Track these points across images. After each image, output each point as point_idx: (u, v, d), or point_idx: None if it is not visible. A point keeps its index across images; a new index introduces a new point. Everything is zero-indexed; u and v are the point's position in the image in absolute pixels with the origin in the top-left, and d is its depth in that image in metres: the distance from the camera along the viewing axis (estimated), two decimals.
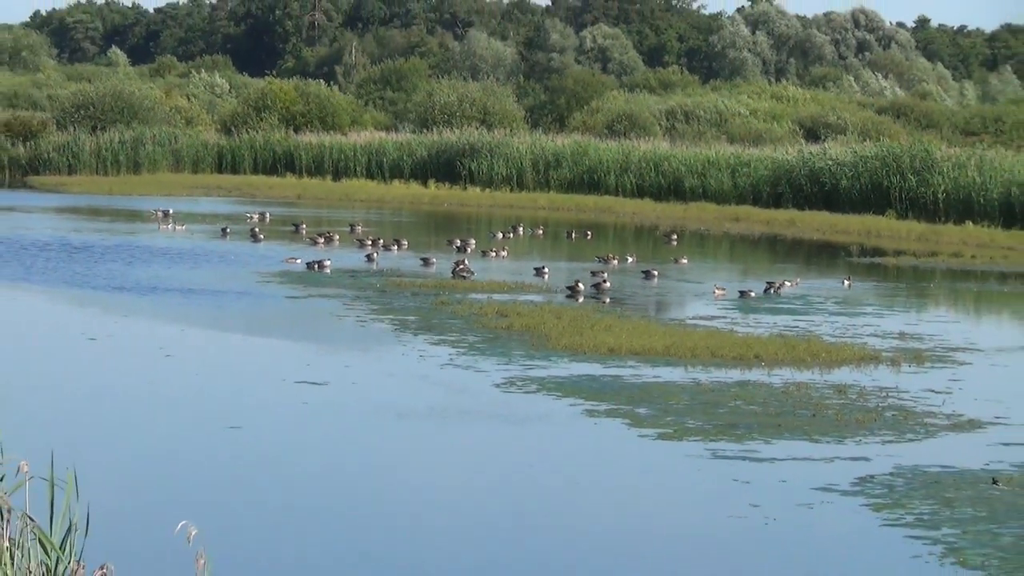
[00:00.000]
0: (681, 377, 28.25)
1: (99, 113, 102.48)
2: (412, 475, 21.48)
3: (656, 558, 17.65)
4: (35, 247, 52.33)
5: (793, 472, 21.04)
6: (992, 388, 27.94)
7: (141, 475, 20.05)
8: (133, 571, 8.13)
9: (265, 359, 31.21)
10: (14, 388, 15.09)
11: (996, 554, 17.28)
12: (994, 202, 64.32)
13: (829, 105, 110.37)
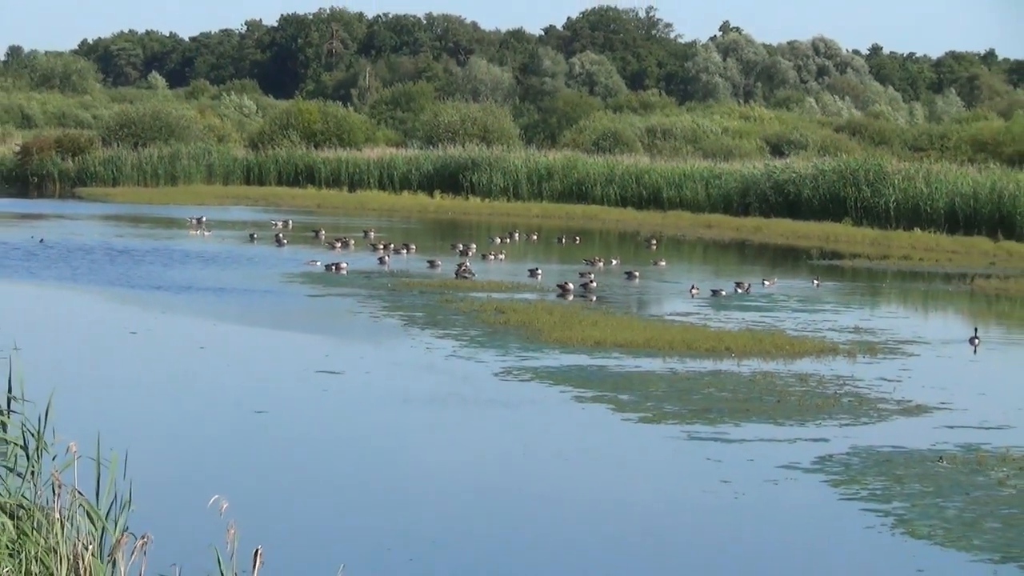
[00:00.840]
0: (660, 367, 28.26)
1: (140, 131, 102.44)
2: (420, 452, 21.48)
3: (637, 527, 17.66)
4: (82, 251, 52.31)
5: (760, 452, 21.05)
6: (937, 377, 27.95)
7: (178, 454, 20.07)
8: (171, 540, 8.14)
9: (288, 351, 31.20)
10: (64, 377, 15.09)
11: (941, 525, 17.29)
12: (940, 211, 64.37)
13: (792, 124, 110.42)
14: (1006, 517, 17.64)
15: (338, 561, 7.35)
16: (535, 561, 15.94)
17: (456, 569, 15.58)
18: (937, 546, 16.53)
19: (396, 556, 15.33)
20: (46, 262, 48.10)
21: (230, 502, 6.98)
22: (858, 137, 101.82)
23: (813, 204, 70.60)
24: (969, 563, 15.94)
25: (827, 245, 59.76)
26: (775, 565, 16.25)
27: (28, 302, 38.41)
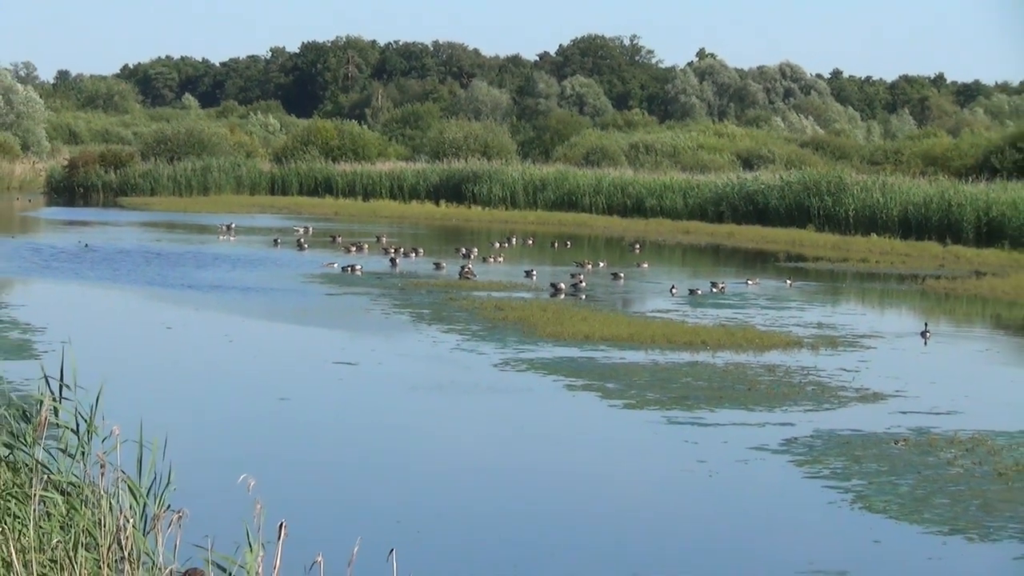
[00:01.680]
0: (642, 359, 28.26)
1: (175, 147, 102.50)
2: (427, 433, 21.51)
3: (621, 501, 17.67)
4: (122, 254, 52.32)
5: (732, 435, 21.06)
6: (892, 367, 27.97)
7: (210, 437, 20.09)
8: (205, 515, 8.13)
9: (308, 343, 31.21)
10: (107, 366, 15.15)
11: (896, 500, 17.31)
12: (894, 218, 64.37)
13: (761, 140, 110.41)
14: (953, 494, 17.66)
15: (354, 533, 7.33)
16: (530, 530, 15.95)
17: (458, 540, 15.59)
18: (892, 520, 16.55)
19: (405, 528, 15.34)
20: (90, 264, 48.11)
21: (257, 480, 6.97)
22: (820, 152, 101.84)
23: (780, 212, 70.61)
24: (920, 535, 15.96)
25: (793, 249, 59.75)
26: (746, 536, 16.26)
27: (74, 299, 38.44)
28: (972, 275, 47.70)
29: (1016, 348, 33.06)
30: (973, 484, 18.11)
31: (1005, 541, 15.77)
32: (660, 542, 15.91)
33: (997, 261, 52.22)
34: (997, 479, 18.36)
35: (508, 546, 15.31)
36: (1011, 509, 16.97)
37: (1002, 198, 60.86)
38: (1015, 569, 14.87)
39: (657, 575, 14.55)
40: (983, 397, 25.22)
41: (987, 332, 36.10)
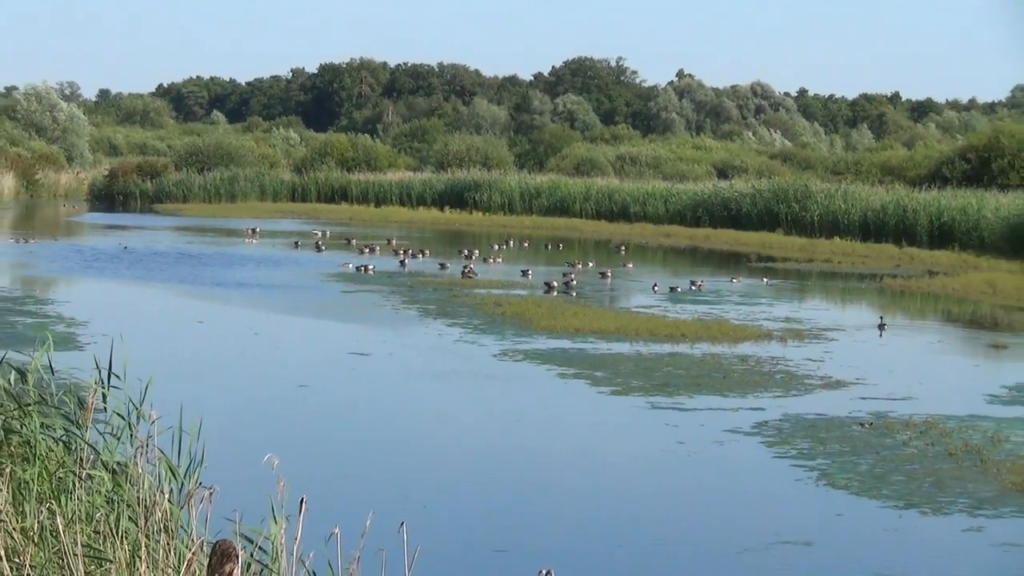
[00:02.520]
0: (627, 350, 28.29)
1: (205, 158, 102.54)
2: (432, 417, 21.52)
3: (607, 477, 17.70)
4: (157, 255, 52.34)
5: (708, 418, 21.08)
6: (852, 358, 28.01)
7: (238, 420, 20.09)
8: (234, 491, 8.14)
9: (325, 336, 31.22)
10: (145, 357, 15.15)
11: (856, 478, 17.34)
12: (855, 222, 64.42)
13: (735, 152, 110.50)
14: (909, 472, 17.70)
15: (367, 507, 7.33)
16: (525, 503, 15.97)
17: (460, 512, 15.60)
18: (853, 495, 16.58)
19: (413, 501, 15.36)
20: (128, 264, 48.13)
21: (279, 459, 6.98)
22: (788, 163, 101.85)
23: (752, 217, 70.66)
24: (879, 509, 15.99)
25: (763, 251, 59.79)
26: (721, 509, 16.29)
27: (114, 296, 38.46)
28: (925, 274, 47.75)
29: (965, 340, 33.08)
30: (926, 463, 18.15)
31: (955, 515, 15.80)
32: (643, 514, 15.94)
33: (948, 262, 52.26)
34: (948, 459, 18.40)
35: (505, 517, 15.33)
36: (960, 486, 17.00)
37: (952, 204, 60.94)
38: (964, 540, 14.89)
39: (641, 543, 14.57)
40: (935, 384, 25.25)
41: (939, 326, 36.13)
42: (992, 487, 16.97)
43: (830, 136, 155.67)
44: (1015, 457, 18.43)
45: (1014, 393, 24.00)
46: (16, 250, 53.77)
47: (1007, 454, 18.65)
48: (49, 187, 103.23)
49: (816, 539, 14.76)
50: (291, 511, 6.90)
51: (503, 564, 13.53)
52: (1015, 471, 17.59)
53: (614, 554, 14.14)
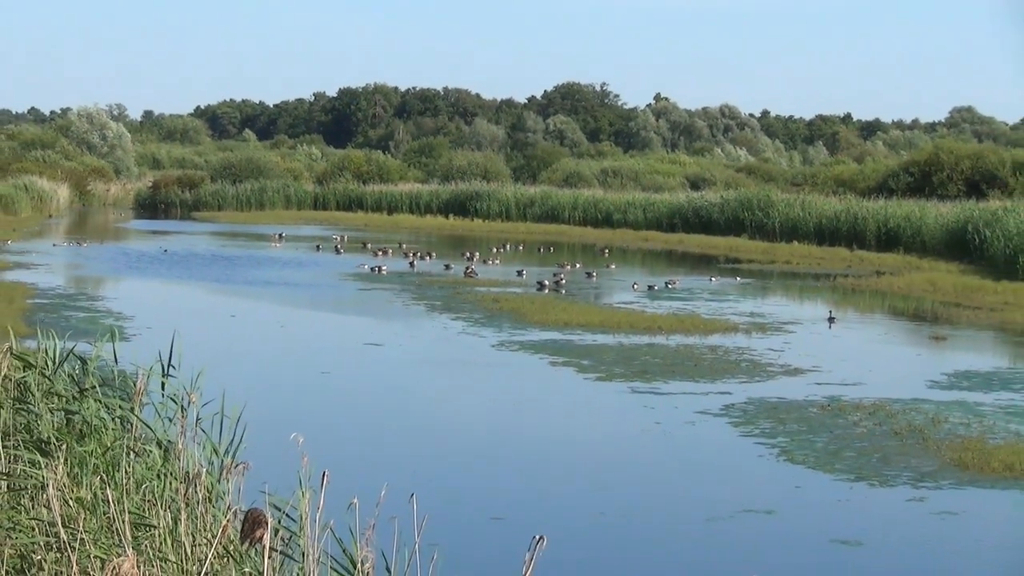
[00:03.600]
0: (610, 341, 28.30)
1: (237, 171, 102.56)
2: (438, 399, 21.56)
3: (593, 453, 17.73)
4: (195, 256, 52.36)
5: (682, 401, 21.10)
6: (809, 348, 28.03)
7: (267, 403, 20.11)
8: (264, 466, 8.15)
9: (344, 328, 31.26)
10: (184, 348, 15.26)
11: (812, 454, 17.36)
12: (811, 228, 64.43)
13: (705, 167, 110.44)
14: (859, 449, 17.72)
15: (381, 480, 7.34)
16: (518, 475, 15.99)
17: (462, 484, 15.62)
18: (809, 469, 16.60)
19: (421, 477, 15.38)
20: (169, 265, 48.14)
21: (304, 437, 6.99)
22: (752, 176, 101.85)
23: (720, 224, 70.68)
24: (832, 481, 16.01)
25: (731, 253, 59.81)
26: (693, 482, 16.31)
27: (156, 293, 38.45)
28: (874, 274, 47.76)
29: (909, 332, 33.12)
30: (874, 441, 18.17)
31: (900, 487, 15.83)
32: (623, 486, 15.96)
33: (894, 263, 52.28)
34: (893, 437, 18.42)
35: (502, 488, 15.35)
36: (904, 461, 17.03)
37: (897, 212, 61.04)
38: (908, 509, 14.92)
39: (621, 511, 14.59)
40: (882, 371, 25.28)
41: (886, 319, 36.17)
42: (933, 462, 17.00)
43: (789, 152, 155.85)
44: (953, 436, 18.46)
45: (952, 379, 24.03)
46: (70, 252, 53.79)
47: (946, 433, 18.67)
48: (99, 197, 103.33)
49: (777, 508, 14.79)
50: (315, 483, 6.91)
51: (500, 530, 13.56)
52: (953, 448, 17.62)
53: (598, 520, 14.17)
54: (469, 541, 12.62)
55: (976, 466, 16.71)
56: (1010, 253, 46.46)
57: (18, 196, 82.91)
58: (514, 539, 11.81)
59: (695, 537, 13.76)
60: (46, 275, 42.13)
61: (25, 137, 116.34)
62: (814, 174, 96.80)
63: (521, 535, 7.51)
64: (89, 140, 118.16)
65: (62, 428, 8.54)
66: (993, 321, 34.09)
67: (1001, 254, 47.13)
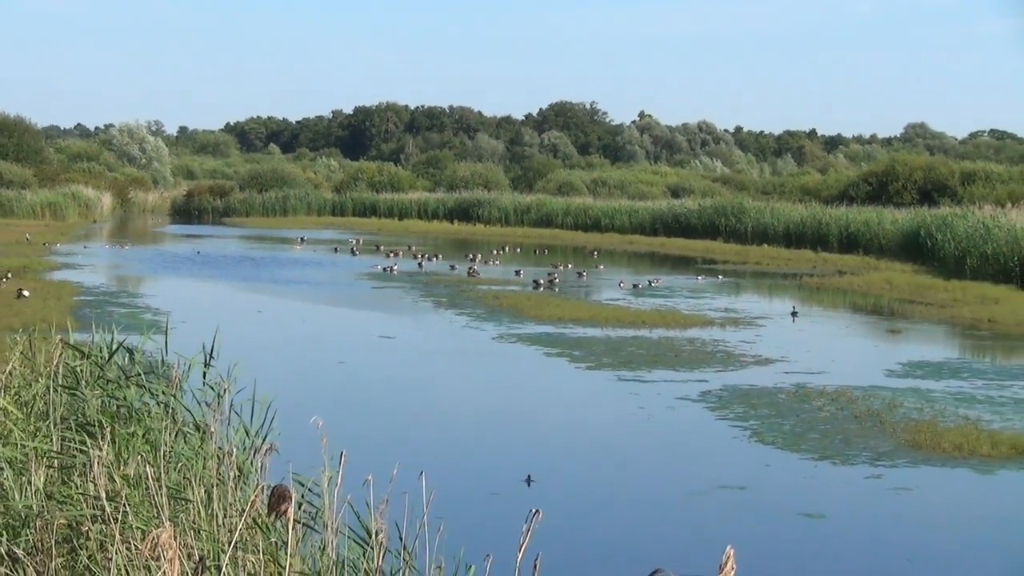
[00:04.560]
0: (599, 334, 28.34)
1: (264, 181, 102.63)
2: (444, 385, 21.57)
3: (583, 434, 17.75)
4: (225, 258, 52.41)
5: (663, 388, 21.13)
6: (778, 340, 28.07)
7: (290, 389, 20.13)
8: (288, 447, 8.18)
9: (359, 322, 31.28)
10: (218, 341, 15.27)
11: (780, 436, 17.39)
12: (780, 233, 64.53)
13: (684, 177, 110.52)
14: (822, 431, 17.75)
15: (393, 458, 7.37)
16: (516, 454, 16.01)
17: (465, 461, 15.65)
18: (778, 449, 16.63)
19: (428, 453, 15.40)
20: (201, 265, 48.17)
21: (324, 420, 7.02)
22: (727, 186, 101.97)
23: (698, 228, 70.76)
24: (798, 461, 16.04)
25: (707, 255, 59.87)
26: (673, 459, 16.35)
27: (189, 291, 38.48)
28: (836, 273, 47.82)
29: (867, 326, 33.15)
30: (837, 424, 18.20)
31: (859, 465, 15.87)
32: (610, 464, 15.99)
33: (854, 263, 52.34)
34: (854, 420, 18.46)
35: (500, 466, 15.37)
36: (864, 442, 17.06)
37: (857, 218, 61.16)
38: (867, 485, 14.95)
39: (607, 488, 14.62)
40: (844, 361, 25.32)
41: (847, 314, 36.22)
42: (889, 443, 17.03)
43: (760, 164, 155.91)
44: (907, 419, 18.49)
45: (906, 369, 24.07)
46: (113, 254, 53.82)
47: (901, 417, 18.71)
48: (139, 204, 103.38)
49: (748, 484, 14.82)
50: (333, 462, 6.94)
51: (499, 504, 13.59)
52: (907, 430, 17.66)
53: (585, 497, 14.19)
54: (472, 514, 12.64)
55: (928, 447, 16.75)
56: (959, 255, 46.52)
57: (66, 203, 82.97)
58: (512, 512, 11.83)
59: (675, 510, 13.79)
60: (91, 274, 42.16)
61: (72, 150, 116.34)
62: (782, 184, 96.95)
63: (517, 509, 7.51)
64: (130, 153, 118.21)
65: (110, 412, 8.57)
66: (943, 316, 34.13)
67: (951, 256, 47.18)
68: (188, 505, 7.05)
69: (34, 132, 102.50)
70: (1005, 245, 44.27)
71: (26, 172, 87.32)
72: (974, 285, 40.69)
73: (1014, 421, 18.73)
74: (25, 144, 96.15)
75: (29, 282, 36.04)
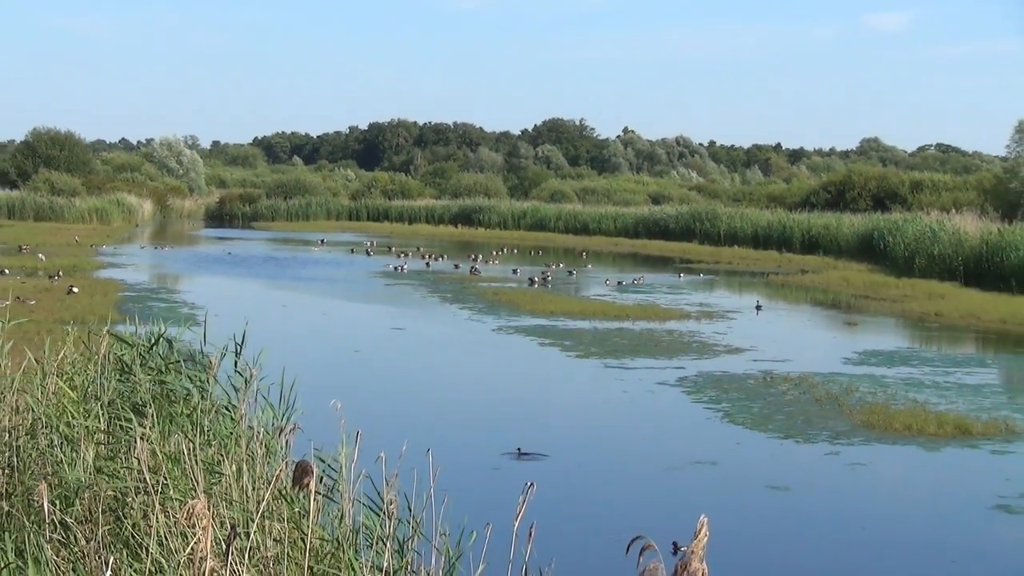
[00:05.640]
0: (587, 326, 28.36)
1: (288, 190, 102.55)
2: (450, 371, 21.58)
3: (572, 414, 17.77)
4: (253, 258, 52.39)
5: (645, 374, 21.16)
6: (747, 331, 28.10)
7: (311, 374, 20.13)
8: (311, 427, 8.20)
9: (373, 315, 31.27)
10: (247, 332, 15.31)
11: (749, 416, 17.42)
12: (749, 235, 64.54)
13: (664, 186, 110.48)
14: (787, 413, 17.78)
15: (403, 436, 7.39)
16: (513, 432, 16.02)
17: (467, 439, 15.65)
18: (747, 429, 16.66)
19: (435, 432, 15.42)
20: (232, 264, 48.15)
21: (342, 402, 7.04)
22: (702, 194, 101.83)
23: (676, 232, 70.76)
24: (766, 439, 16.07)
25: (684, 256, 59.87)
26: (653, 437, 16.36)
27: (221, 287, 38.45)
28: (799, 272, 47.84)
29: (827, 318, 33.19)
30: (799, 406, 18.23)
31: (820, 443, 15.90)
32: (597, 441, 16.01)
33: (815, 263, 52.38)
34: (815, 403, 18.49)
35: (498, 446, 15.39)
36: (824, 423, 17.09)
37: (818, 223, 61.19)
38: (826, 460, 14.98)
39: (593, 463, 14.64)
40: (806, 350, 25.36)
41: (808, 308, 36.25)
42: (846, 424, 17.06)
43: (731, 174, 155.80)
44: (862, 402, 18.52)
45: (861, 357, 24.10)
46: (154, 254, 53.79)
47: (857, 400, 18.74)
48: (176, 210, 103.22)
49: (720, 460, 14.84)
50: (350, 440, 6.96)
51: (498, 478, 13.61)
52: (862, 412, 17.69)
53: (573, 471, 14.21)
54: (473, 486, 12.66)
55: (881, 426, 16.78)
56: (908, 255, 46.60)
57: (111, 209, 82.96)
58: (509, 485, 11.85)
59: (655, 482, 13.82)
60: (133, 272, 42.14)
61: (117, 162, 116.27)
62: (751, 192, 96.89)
63: (513, 482, 7.54)
64: (168, 164, 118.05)
65: (154, 395, 8.59)
66: (895, 310, 34.17)
67: (901, 256, 47.23)
68: (221, 478, 7.07)
69: (83, 146, 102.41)
70: (950, 247, 44.39)
71: (75, 181, 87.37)
72: (922, 282, 40.73)
73: (958, 404, 18.77)
74: (75, 156, 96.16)
75: (78, 280, 36.03)
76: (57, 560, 6.19)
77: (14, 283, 32.95)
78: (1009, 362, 24.41)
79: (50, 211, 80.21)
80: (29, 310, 25.59)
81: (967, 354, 25.28)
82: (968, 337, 28.59)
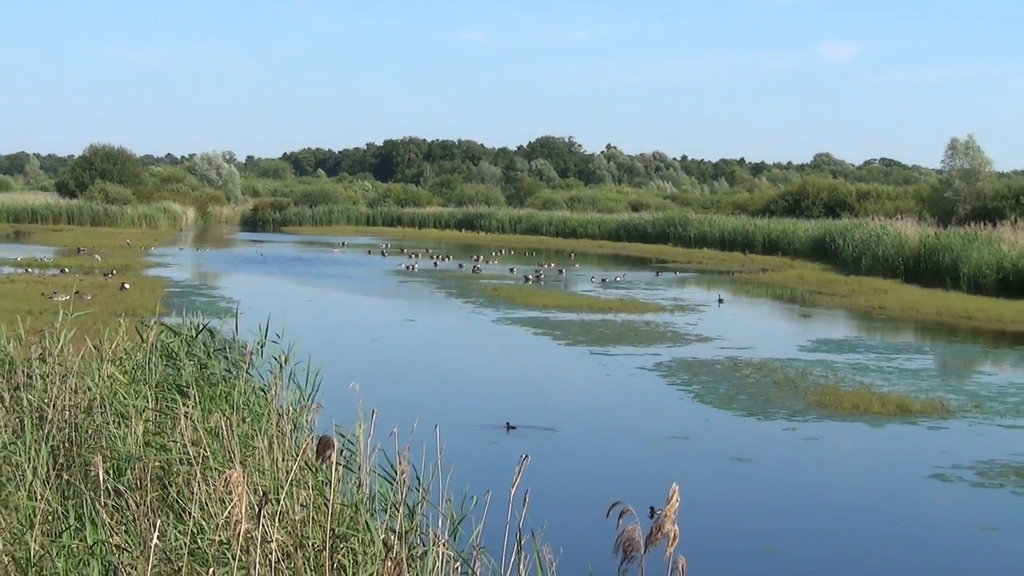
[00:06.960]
0: (575, 318, 28.35)
1: (313, 199, 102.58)
2: (453, 357, 21.57)
3: (562, 395, 17.77)
4: (282, 258, 52.33)
5: (625, 360, 21.16)
6: (715, 323, 28.10)
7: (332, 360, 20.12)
8: (332, 407, 8.20)
9: (387, 308, 31.24)
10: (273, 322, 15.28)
11: (717, 397, 17.42)
12: (716, 238, 64.55)
13: (642, 196, 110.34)
14: (750, 394, 17.79)
15: (413, 415, 7.40)
16: (510, 413, 16.02)
17: (469, 417, 15.64)
18: (715, 408, 16.66)
19: (442, 411, 15.41)
20: (263, 263, 48.09)
21: (360, 385, 7.04)
22: (676, 202, 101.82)
23: (653, 235, 70.74)
24: (731, 417, 16.07)
25: (660, 256, 59.84)
26: (631, 415, 16.37)
27: (254, 284, 38.39)
28: (760, 271, 47.84)
29: (785, 311, 33.19)
30: (761, 388, 18.24)
31: (779, 420, 15.91)
32: (583, 418, 16.02)
33: (774, 263, 52.38)
34: (774, 386, 18.50)
35: (497, 422, 15.39)
36: (782, 403, 17.10)
37: (777, 227, 61.23)
38: (784, 436, 15.00)
39: (578, 439, 14.64)
40: (766, 339, 25.36)
41: (768, 303, 36.26)
42: (802, 403, 17.07)
43: (701, 185, 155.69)
44: (816, 385, 18.54)
45: (815, 345, 24.12)
46: (195, 255, 53.73)
47: (811, 383, 18.76)
48: (215, 217, 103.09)
49: (692, 435, 14.85)
50: (367, 418, 6.96)
51: (496, 452, 13.61)
52: (816, 393, 17.70)
53: (561, 445, 14.21)
54: (475, 458, 12.66)
55: (832, 406, 16.80)
56: (856, 256, 46.66)
57: (158, 216, 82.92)
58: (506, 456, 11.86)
59: (634, 455, 13.83)
60: (177, 271, 42.10)
61: (163, 174, 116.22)
62: (718, 200, 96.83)
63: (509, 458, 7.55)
64: (208, 176, 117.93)
65: (197, 377, 8.59)
66: (844, 304, 34.18)
67: (850, 257, 47.28)
68: (254, 451, 7.07)
69: (133, 160, 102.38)
70: (892, 248, 44.48)
71: (127, 191, 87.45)
72: (868, 279, 40.75)
73: (899, 386, 18.79)
74: (126, 170, 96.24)
75: (130, 277, 36.00)
76: (111, 523, 6.19)
77: (74, 280, 32.93)
78: (944, 349, 24.44)
79: (105, 217, 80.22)
80: (87, 304, 25.56)
81: (907, 342, 25.31)
82: (908, 328, 28.62)
